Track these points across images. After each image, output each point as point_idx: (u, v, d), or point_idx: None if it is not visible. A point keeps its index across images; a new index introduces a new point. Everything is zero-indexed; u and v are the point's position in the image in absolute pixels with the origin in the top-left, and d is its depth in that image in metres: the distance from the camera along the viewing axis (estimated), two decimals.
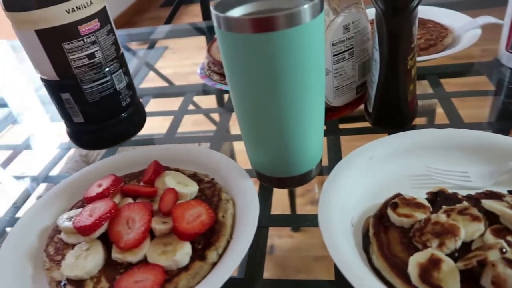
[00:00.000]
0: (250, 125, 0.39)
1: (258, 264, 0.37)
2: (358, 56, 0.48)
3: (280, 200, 0.45)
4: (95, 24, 0.46)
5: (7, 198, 0.52)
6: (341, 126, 0.53)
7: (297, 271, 0.38)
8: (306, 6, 0.31)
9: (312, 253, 0.40)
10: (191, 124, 0.62)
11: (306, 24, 0.32)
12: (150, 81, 0.78)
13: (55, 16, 0.43)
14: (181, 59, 0.88)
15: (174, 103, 0.67)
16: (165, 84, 0.78)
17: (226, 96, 0.67)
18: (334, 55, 0.46)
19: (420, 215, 0.34)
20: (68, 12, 0.43)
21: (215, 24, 0.34)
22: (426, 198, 0.37)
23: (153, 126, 0.60)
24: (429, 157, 0.42)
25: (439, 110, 0.54)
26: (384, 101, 0.46)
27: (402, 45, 0.42)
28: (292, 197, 0.46)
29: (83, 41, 0.45)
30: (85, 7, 0.44)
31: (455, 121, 0.50)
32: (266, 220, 0.41)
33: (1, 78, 0.90)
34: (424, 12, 0.72)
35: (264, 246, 0.39)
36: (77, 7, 0.43)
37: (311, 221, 0.40)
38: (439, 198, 0.36)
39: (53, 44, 0.44)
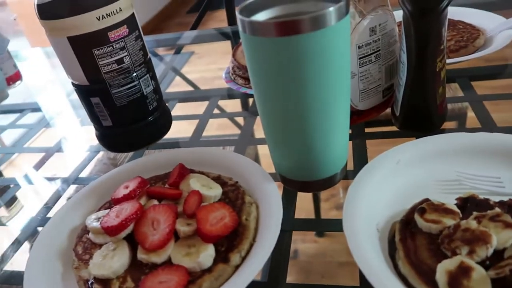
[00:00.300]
0: (275, 128, 0.39)
1: (281, 268, 0.37)
2: (384, 58, 0.48)
3: (304, 204, 0.44)
4: (123, 30, 0.47)
5: (39, 198, 0.54)
6: (367, 129, 0.52)
7: (321, 276, 0.38)
8: (331, 8, 0.31)
9: (336, 258, 0.39)
10: (216, 127, 0.63)
11: (332, 26, 0.32)
12: (176, 86, 0.80)
13: (86, 23, 0.44)
14: (207, 63, 0.89)
15: (199, 107, 0.68)
16: (190, 88, 0.79)
17: (250, 100, 0.68)
18: (360, 58, 0.46)
19: (449, 221, 0.33)
20: (99, 19, 0.44)
21: (240, 28, 0.35)
22: (455, 204, 0.35)
23: (178, 130, 0.61)
24: (459, 162, 0.41)
25: (470, 114, 0.52)
26: (412, 105, 0.45)
27: (430, 47, 0.41)
28: (316, 202, 0.46)
29: (112, 47, 0.47)
30: (114, 14, 0.45)
31: (487, 125, 0.49)
32: (290, 224, 0.41)
33: (36, 84, 0.94)
34: (454, 13, 0.70)
35: (287, 250, 0.39)
36: (107, 14, 0.45)
37: (336, 226, 0.39)
38: (469, 204, 0.35)
39: (84, 50, 0.46)
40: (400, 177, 0.40)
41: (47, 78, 0.99)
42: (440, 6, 0.38)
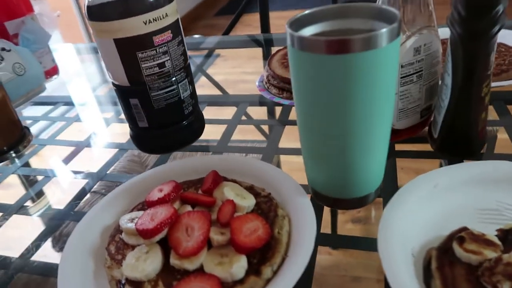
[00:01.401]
0: (314, 143, 0.39)
1: (307, 282, 0.37)
2: (426, 79, 0.47)
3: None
4: (168, 35, 0.48)
5: (67, 192, 0.55)
6: (398, 147, 0.51)
7: None
8: (384, 30, 0.31)
9: (350, 272, 0.39)
10: (243, 133, 0.63)
11: (382, 48, 0.32)
12: (201, 87, 0.80)
13: (133, 26, 0.45)
14: (232, 67, 0.90)
15: (227, 112, 0.68)
16: (217, 90, 0.79)
17: (278, 109, 0.67)
18: (401, 77, 0.45)
19: (489, 253, 0.32)
20: (145, 24, 0.45)
21: (288, 41, 0.35)
22: (496, 235, 0.35)
23: (206, 133, 0.61)
24: (500, 191, 0.40)
25: (504, 138, 0.51)
26: (453, 128, 0.44)
27: (478, 72, 0.40)
28: (334, 215, 0.45)
29: (156, 51, 0.47)
30: (160, 19, 0.46)
31: None
32: (317, 239, 0.41)
33: (71, 79, 0.96)
34: None
35: (312, 264, 0.38)
36: (153, 19, 0.46)
37: (355, 242, 0.39)
38: (510, 237, 0.34)
39: (128, 52, 0.47)
40: (437, 202, 0.39)
41: (82, 73, 1.02)
42: (492, 30, 0.38)
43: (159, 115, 0.52)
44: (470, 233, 0.34)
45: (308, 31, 0.37)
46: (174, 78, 0.51)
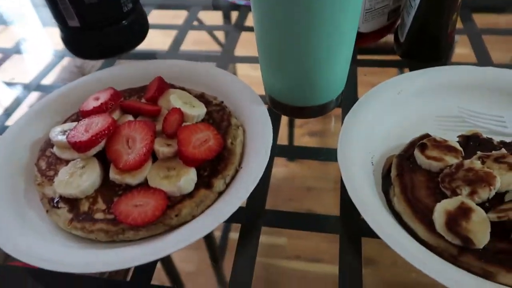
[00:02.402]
0: (273, 45, 0.34)
1: (261, 194, 0.35)
2: None
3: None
4: None
5: None
6: (360, 57, 0.48)
7: (289, 200, 0.35)
8: None
9: (306, 184, 0.37)
10: (194, 41, 0.57)
11: None
12: None
13: None
14: None
15: (177, 17, 0.60)
16: None
17: (234, 14, 0.61)
18: None
19: (451, 160, 0.31)
20: None
21: None
22: (457, 141, 0.33)
23: (153, 41, 0.54)
24: (463, 97, 0.38)
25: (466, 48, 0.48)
26: (422, 29, 0.40)
27: None
28: (291, 127, 0.42)
29: None
30: None
31: (483, 61, 0.45)
32: (272, 150, 0.38)
33: None
34: None
35: (268, 176, 0.36)
36: None
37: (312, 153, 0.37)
38: (471, 143, 0.33)
39: None
40: (400, 109, 0.37)
41: None
42: None
43: (92, 12, 0.44)
44: (432, 139, 0.32)
45: None
46: None
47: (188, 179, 0.31)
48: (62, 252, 0.29)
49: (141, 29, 0.51)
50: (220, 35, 0.58)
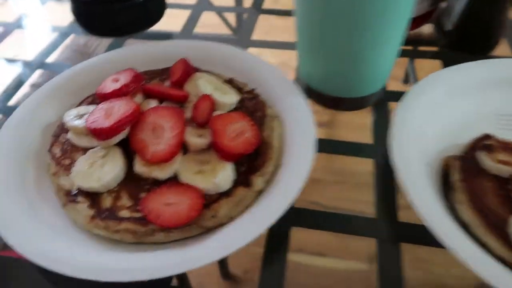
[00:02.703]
0: (317, 25, 0.30)
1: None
2: None
3: None
4: None
5: None
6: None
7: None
8: None
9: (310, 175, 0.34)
10: (209, 23, 0.52)
11: None
12: None
13: None
14: None
15: None
16: None
17: None
18: None
19: None
20: None
21: None
22: None
23: (165, 21, 0.50)
24: None
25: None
26: (476, 18, 0.37)
27: None
28: None
29: None
30: None
31: None
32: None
33: None
34: None
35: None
36: None
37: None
38: None
39: None
40: (453, 105, 0.34)
41: None
42: None
43: None
44: (497, 140, 0.29)
45: None
46: None
47: (225, 175, 0.28)
48: (94, 255, 0.25)
49: (159, 8, 0.46)
50: (233, 18, 0.54)
